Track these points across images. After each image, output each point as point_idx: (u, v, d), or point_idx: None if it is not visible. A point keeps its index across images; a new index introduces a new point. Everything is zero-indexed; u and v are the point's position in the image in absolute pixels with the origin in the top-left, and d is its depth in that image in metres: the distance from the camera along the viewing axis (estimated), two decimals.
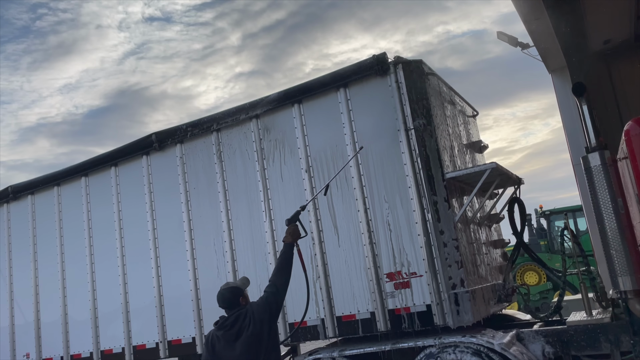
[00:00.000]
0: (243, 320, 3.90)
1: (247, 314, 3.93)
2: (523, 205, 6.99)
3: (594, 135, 5.13)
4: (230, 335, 3.88)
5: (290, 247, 4.25)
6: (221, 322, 3.98)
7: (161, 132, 7.59)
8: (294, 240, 4.28)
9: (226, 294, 4.03)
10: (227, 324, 3.92)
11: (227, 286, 4.12)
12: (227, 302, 4.01)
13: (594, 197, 5.00)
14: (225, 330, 3.92)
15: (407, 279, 5.73)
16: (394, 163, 5.90)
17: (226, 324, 3.93)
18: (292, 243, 4.26)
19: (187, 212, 7.28)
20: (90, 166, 8.26)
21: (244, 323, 3.88)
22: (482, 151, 7.98)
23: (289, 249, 4.23)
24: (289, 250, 4.23)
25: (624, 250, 4.82)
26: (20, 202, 9.06)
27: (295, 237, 4.30)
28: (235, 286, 4.10)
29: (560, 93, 7.35)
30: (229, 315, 3.97)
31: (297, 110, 6.57)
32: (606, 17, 6.28)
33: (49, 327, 8.43)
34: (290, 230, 4.30)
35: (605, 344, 5.32)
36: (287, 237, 4.28)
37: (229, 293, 4.03)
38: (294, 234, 4.29)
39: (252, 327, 3.85)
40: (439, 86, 6.60)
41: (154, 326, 7.33)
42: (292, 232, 4.29)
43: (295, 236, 4.29)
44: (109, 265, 7.87)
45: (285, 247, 4.24)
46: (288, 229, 4.31)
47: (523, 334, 5.68)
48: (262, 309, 3.97)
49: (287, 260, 4.19)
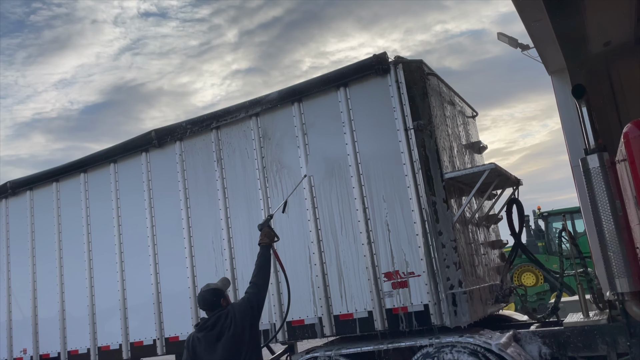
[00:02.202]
0: (224, 321, 3.90)
1: (229, 314, 3.94)
2: (521, 207, 7.00)
3: (593, 137, 5.14)
4: (212, 336, 3.88)
5: (267, 249, 4.45)
6: (202, 324, 3.98)
7: (161, 129, 7.59)
8: (270, 242, 4.49)
9: (207, 295, 4.05)
10: (208, 325, 3.93)
11: (207, 288, 4.13)
12: (208, 304, 4.03)
13: (592, 198, 5.01)
14: (207, 332, 3.92)
15: (405, 279, 5.74)
16: (393, 163, 5.90)
17: (207, 325, 3.94)
18: (269, 245, 4.47)
19: (185, 209, 7.28)
20: (89, 162, 8.25)
21: (224, 324, 3.89)
22: (481, 152, 7.99)
23: (267, 251, 4.44)
24: (266, 252, 4.43)
25: (622, 252, 4.83)
26: (19, 197, 9.05)
27: (271, 239, 4.52)
28: (215, 287, 4.13)
29: (560, 94, 7.34)
30: (210, 317, 3.97)
31: (297, 109, 6.57)
32: (607, 19, 6.28)
33: (46, 323, 8.43)
34: (264, 233, 4.51)
35: (601, 346, 5.33)
36: (263, 239, 4.49)
37: (209, 295, 4.05)
38: (269, 236, 4.51)
39: (233, 328, 3.87)
40: (438, 86, 6.61)
41: (152, 323, 7.33)
42: (267, 234, 4.51)
43: (270, 238, 4.51)
44: (107, 261, 7.87)
45: (263, 249, 4.43)
46: (263, 232, 4.52)
47: (520, 334, 5.69)
48: (244, 309, 4.00)
49: (266, 262, 4.37)
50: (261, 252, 4.41)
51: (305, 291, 6.29)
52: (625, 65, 7.06)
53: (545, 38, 6.38)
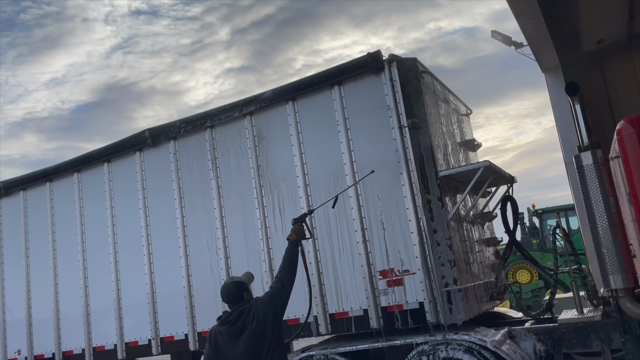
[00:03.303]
0: (247, 315, 3.82)
1: (252, 309, 3.85)
2: (516, 204, 7.03)
3: (587, 135, 5.16)
4: (234, 330, 3.81)
5: (296, 245, 4.25)
6: (224, 317, 3.90)
7: (154, 128, 7.57)
8: (297, 239, 4.29)
9: (231, 288, 3.96)
10: (231, 319, 3.84)
11: (231, 280, 4.06)
12: (232, 297, 3.94)
13: (586, 196, 5.03)
14: (229, 326, 3.85)
15: (400, 277, 5.75)
16: (387, 161, 5.90)
17: (230, 319, 3.85)
18: (297, 241, 4.27)
19: (180, 209, 7.26)
20: (83, 162, 8.22)
21: (247, 318, 3.80)
22: (476, 149, 8.01)
23: (295, 247, 4.23)
24: (294, 247, 4.23)
25: (615, 249, 4.86)
26: (12, 197, 9.00)
27: (300, 236, 4.31)
28: (240, 280, 4.04)
29: (554, 92, 7.37)
30: (233, 310, 3.89)
31: (292, 107, 6.56)
32: (600, 17, 6.31)
33: (40, 323, 8.38)
34: (295, 229, 4.32)
35: (596, 342, 5.36)
36: (291, 235, 4.30)
37: (234, 287, 3.96)
38: (298, 233, 4.31)
39: (255, 322, 3.78)
40: (433, 84, 6.62)
41: (147, 323, 7.31)
42: (297, 230, 4.31)
43: (299, 235, 4.31)
44: (101, 261, 7.84)
45: (291, 245, 4.24)
46: (293, 228, 4.34)
47: (515, 331, 5.71)
48: (267, 304, 3.90)
49: (292, 258, 4.18)
50: (289, 248, 4.24)
51: (301, 290, 6.27)
52: (619, 62, 7.10)
53: (539, 36, 6.40)
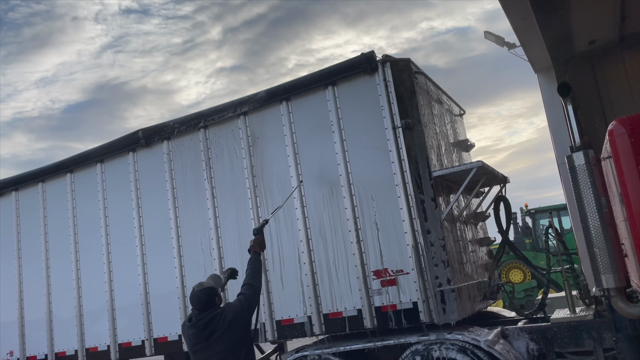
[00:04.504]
0: (218, 321, 3.85)
1: (223, 314, 3.90)
2: (508, 204, 7.06)
3: (579, 135, 5.19)
4: (203, 335, 3.84)
5: (259, 255, 4.58)
6: (195, 321, 3.92)
7: (148, 128, 7.54)
8: (260, 250, 4.63)
9: (202, 295, 3.95)
10: (201, 324, 3.87)
11: (201, 287, 4.03)
12: (203, 304, 3.94)
13: (578, 195, 5.06)
14: (198, 330, 3.87)
15: (394, 277, 5.76)
16: (381, 161, 5.91)
17: (200, 323, 3.88)
18: (260, 252, 4.61)
19: (173, 209, 7.24)
20: (76, 162, 8.17)
21: (218, 324, 3.84)
22: (469, 150, 8.04)
23: (259, 257, 4.56)
24: (259, 258, 4.55)
25: (607, 249, 4.89)
26: (4, 198, 8.94)
27: (262, 247, 4.68)
28: (210, 287, 4.05)
29: (546, 92, 7.42)
30: (204, 315, 3.90)
31: (286, 107, 6.56)
32: (592, 18, 6.35)
33: (33, 324, 8.33)
34: (258, 241, 4.64)
35: (588, 341, 5.40)
36: (254, 247, 4.61)
37: (205, 295, 3.96)
38: (261, 245, 4.66)
39: (228, 328, 3.84)
40: (426, 85, 6.64)
41: (140, 324, 7.28)
42: (260, 242, 4.65)
43: (262, 246, 4.67)
44: (94, 262, 7.80)
45: (255, 256, 4.55)
46: (256, 239, 4.65)
47: (508, 331, 5.74)
48: (240, 311, 3.99)
49: (258, 268, 4.48)
50: (254, 259, 4.52)
51: (295, 290, 6.29)
52: (610, 63, 7.15)
53: (531, 36, 6.44)
